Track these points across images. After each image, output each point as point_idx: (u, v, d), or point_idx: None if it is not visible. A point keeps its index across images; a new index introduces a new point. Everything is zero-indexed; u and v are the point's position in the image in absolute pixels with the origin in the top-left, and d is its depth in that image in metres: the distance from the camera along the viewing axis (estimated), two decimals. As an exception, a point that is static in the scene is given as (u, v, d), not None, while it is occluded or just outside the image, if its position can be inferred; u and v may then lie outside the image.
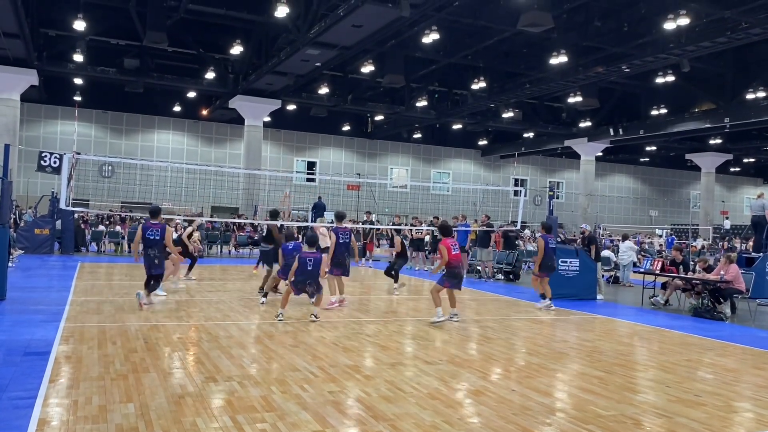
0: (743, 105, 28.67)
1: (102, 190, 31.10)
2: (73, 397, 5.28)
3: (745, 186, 55.45)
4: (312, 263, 9.33)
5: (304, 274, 9.33)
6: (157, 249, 10.21)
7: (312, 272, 9.34)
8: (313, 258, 9.36)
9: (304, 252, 9.46)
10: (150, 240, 10.18)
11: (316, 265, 9.35)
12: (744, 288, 12.28)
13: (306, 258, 9.33)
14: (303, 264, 9.31)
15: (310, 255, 9.38)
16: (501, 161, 47.92)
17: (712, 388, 6.54)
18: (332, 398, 5.58)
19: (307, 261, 9.32)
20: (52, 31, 26.74)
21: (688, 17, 19.53)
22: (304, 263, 9.30)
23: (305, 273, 9.32)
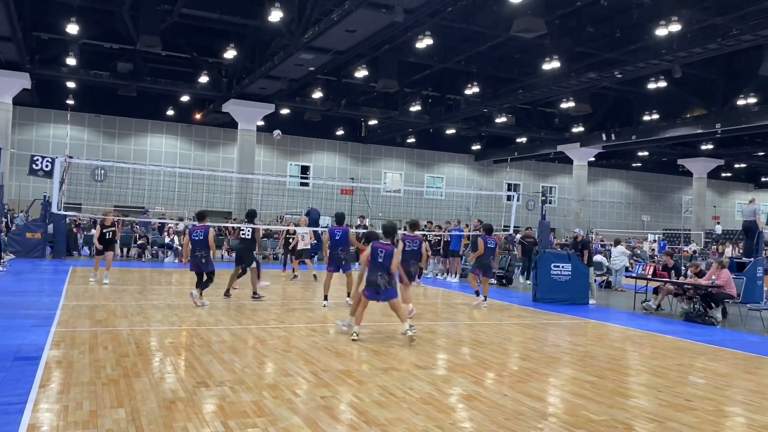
0: (734, 111, 28.85)
1: (94, 194, 30.97)
2: (64, 403, 5.26)
3: (736, 191, 55.75)
4: (383, 254, 8.61)
5: (375, 266, 8.61)
6: (203, 249, 11.02)
7: (383, 264, 8.59)
8: (384, 249, 8.65)
9: (377, 242, 8.84)
10: (196, 241, 11.05)
11: (387, 256, 8.60)
12: (735, 293, 12.36)
13: (378, 248, 8.67)
14: (374, 254, 8.66)
15: (383, 246, 8.70)
16: (494, 166, 48.02)
17: (703, 392, 6.57)
18: (324, 403, 5.57)
19: (379, 251, 8.64)
20: (44, 34, 26.63)
21: (680, 23, 19.65)
22: (376, 253, 8.65)
23: (377, 265, 8.60)
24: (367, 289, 8.69)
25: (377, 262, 8.61)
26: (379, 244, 8.74)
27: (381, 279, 8.59)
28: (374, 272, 8.61)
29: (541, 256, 14.55)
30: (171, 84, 29.97)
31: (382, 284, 8.59)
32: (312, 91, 31.34)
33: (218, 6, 23.08)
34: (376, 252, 8.64)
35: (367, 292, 8.68)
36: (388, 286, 8.61)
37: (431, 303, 13.46)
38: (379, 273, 8.60)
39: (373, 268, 8.64)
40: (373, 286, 8.62)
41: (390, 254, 8.62)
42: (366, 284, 8.72)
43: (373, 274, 8.62)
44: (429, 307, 12.71)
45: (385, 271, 8.60)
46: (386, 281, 8.60)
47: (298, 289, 14.85)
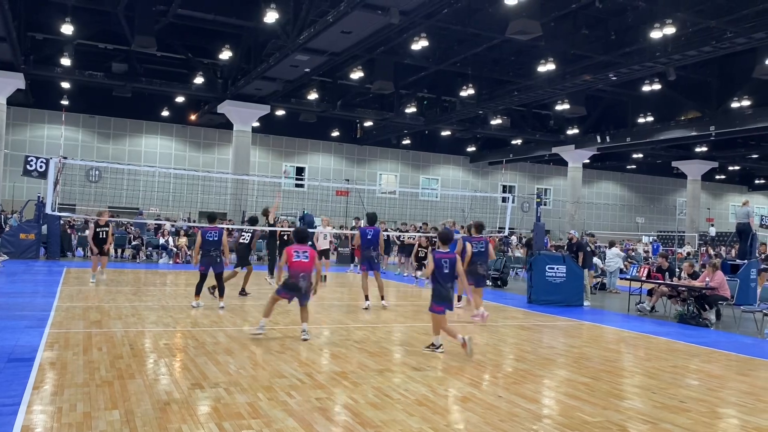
0: (728, 113, 28.98)
1: (89, 195, 30.88)
2: (58, 404, 5.24)
3: (730, 193, 55.98)
4: (448, 264, 7.95)
5: (443, 278, 7.92)
6: (218, 249, 11.18)
7: (450, 275, 7.96)
8: (448, 259, 8.00)
9: (438, 252, 8.16)
10: (210, 241, 11.14)
11: (452, 266, 7.98)
12: (729, 295, 12.40)
13: (441, 259, 7.95)
14: (439, 266, 7.92)
15: (445, 256, 8.02)
16: (489, 168, 48.09)
17: (697, 394, 6.59)
18: (319, 405, 5.57)
19: (443, 262, 7.93)
20: (39, 34, 26.56)
21: (674, 26, 19.74)
22: (440, 264, 7.91)
23: (443, 276, 7.92)
24: (441, 304, 7.93)
25: (443, 273, 7.91)
26: (441, 254, 8.04)
27: (451, 291, 8.05)
28: (444, 285, 7.92)
29: (536, 258, 14.58)
30: (166, 85, 29.91)
31: (451, 297, 8.05)
32: (307, 92, 31.34)
33: (214, 7, 23.06)
34: (440, 263, 7.92)
35: (441, 307, 7.93)
36: (452, 298, 8.14)
37: (425, 304, 13.45)
38: (449, 285, 7.97)
39: (441, 281, 7.90)
40: (446, 301, 7.96)
41: (454, 262, 8.03)
42: (438, 299, 7.92)
43: (444, 288, 7.92)
44: (423, 308, 12.70)
45: (452, 282, 8.04)
46: (452, 293, 8.08)
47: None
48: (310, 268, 8.48)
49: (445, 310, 7.97)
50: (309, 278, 8.46)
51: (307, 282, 8.41)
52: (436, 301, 7.93)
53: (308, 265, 8.45)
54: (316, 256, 8.63)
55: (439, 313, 7.95)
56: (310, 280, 8.51)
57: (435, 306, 7.94)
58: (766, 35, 19.14)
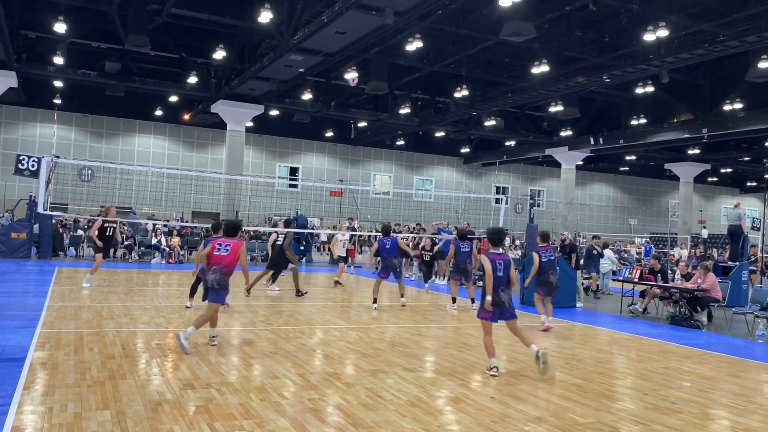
0: (721, 116, 29.13)
1: (81, 194, 30.77)
2: (48, 404, 5.21)
3: (722, 196, 56.29)
4: (502, 266, 7.18)
5: (496, 281, 7.12)
6: None
7: (503, 278, 7.15)
8: (502, 260, 7.23)
9: (492, 253, 7.34)
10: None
11: (506, 267, 7.19)
12: (720, 297, 12.46)
13: (495, 260, 7.18)
14: (493, 268, 7.12)
15: (499, 257, 7.26)
16: (483, 169, 48.18)
17: (688, 395, 6.62)
18: (311, 406, 5.56)
19: (497, 263, 7.16)
20: (32, 33, 26.43)
21: (668, 29, 19.82)
22: (495, 266, 7.12)
23: (497, 279, 7.12)
24: (489, 310, 7.09)
25: (497, 276, 7.10)
26: (495, 255, 7.25)
27: (505, 295, 7.14)
28: (496, 288, 7.07)
29: (529, 259, 14.59)
30: (159, 84, 29.82)
31: (506, 301, 7.14)
32: (301, 92, 31.30)
33: (208, 6, 23.00)
34: (495, 264, 7.12)
35: (490, 314, 7.09)
36: (511, 302, 7.25)
37: (419, 305, 13.46)
38: (501, 288, 7.12)
39: (494, 284, 7.08)
40: (498, 306, 7.07)
41: (508, 264, 7.25)
42: (489, 304, 7.06)
43: (495, 292, 7.05)
44: (417, 310, 12.72)
45: (507, 286, 7.20)
46: (509, 297, 7.22)
47: (284, 291, 14.79)
48: (226, 262, 7.59)
49: (495, 316, 7.09)
50: (220, 273, 7.55)
51: (217, 276, 7.51)
52: (485, 306, 7.09)
53: (225, 259, 7.58)
54: (241, 251, 7.72)
55: (485, 319, 7.11)
56: (222, 275, 7.58)
57: (483, 312, 7.14)
58: (759, 38, 19.25)
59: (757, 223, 23.17)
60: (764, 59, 21.47)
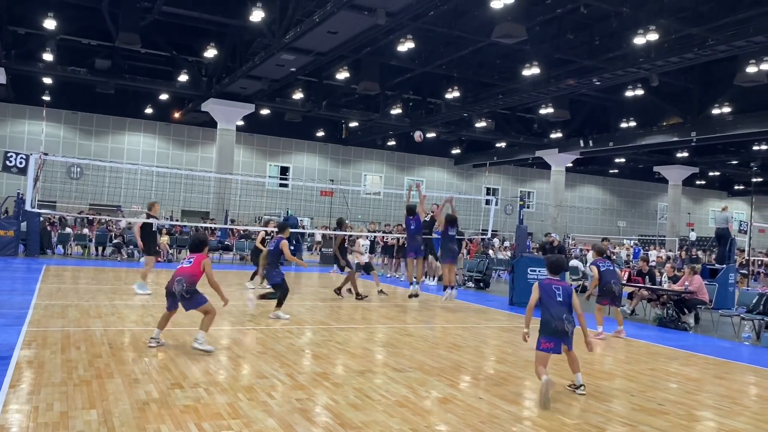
0: (709, 120, 29.37)
1: (70, 192, 30.56)
2: (34, 403, 5.17)
3: (710, 199, 56.70)
4: (561, 293, 6.43)
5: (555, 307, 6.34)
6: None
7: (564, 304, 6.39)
8: (561, 287, 6.49)
9: (548, 278, 6.63)
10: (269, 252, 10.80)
11: (566, 295, 6.45)
12: (707, 299, 12.56)
13: (552, 285, 6.49)
14: (550, 294, 6.43)
15: (557, 283, 6.52)
16: (473, 170, 48.30)
17: (675, 397, 6.66)
18: (300, 406, 5.55)
19: (554, 288, 6.46)
20: (21, 29, 26.26)
21: (658, 33, 19.97)
22: (551, 292, 6.44)
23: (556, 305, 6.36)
24: (549, 340, 6.29)
25: (557, 301, 6.38)
26: (552, 280, 6.58)
27: (569, 324, 6.34)
28: (558, 317, 6.29)
29: (518, 261, 14.66)
30: (150, 82, 29.70)
31: (570, 330, 6.35)
32: (293, 91, 31.28)
33: (199, 4, 22.93)
34: (551, 290, 6.44)
35: (551, 345, 6.28)
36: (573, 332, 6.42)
37: (408, 305, 13.47)
38: (564, 316, 6.32)
39: (552, 311, 6.33)
40: (558, 335, 6.29)
41: (568, 291, 6.50)
42: (547, 333, 6.30)
43: (556, 320, 6.28)
44: (406, 309, 12.73)
45: (569, 313, 6.41)
46: (574, 326, 6.43)
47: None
48: (189, 273, 7.58)
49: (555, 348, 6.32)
50: (184, 283, 7.52)
51: (183, 286, 7.48)
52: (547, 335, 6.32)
53: (187, 270, 7.59)
54: (205, 263, 7.69)
55: (547, 351, 6.31)
56: (188, 285, 7.56)
57: (543, 343, 6.33)
58: (747, 43, 19.43)
59: (744, 226, 23.34)
60: (752, 64, 21.67)
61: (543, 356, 6.30)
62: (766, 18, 18.65)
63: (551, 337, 6.26)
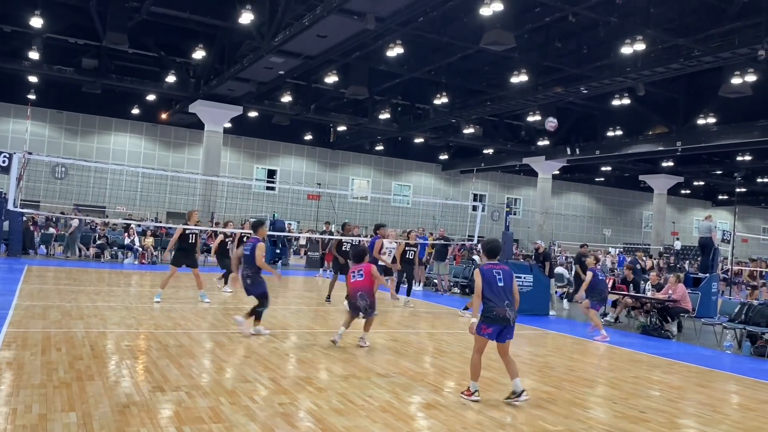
0: (694, 130, 29.66)
1: (54, 192, 30.26)
2: (12, 405, 5.10)
3: (694, 208, 57.24)
4: (502, 277, 6.40)
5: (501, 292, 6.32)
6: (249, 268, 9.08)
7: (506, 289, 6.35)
8: (501, 270, 6.45)
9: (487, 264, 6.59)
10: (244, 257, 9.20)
11: (508, 278, 6.44)
12: (690, 307, 12.66)
13: (492, 270, 6.42)
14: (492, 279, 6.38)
15: (497, 267, 6.48)
16: (461, 176, 48.43)
17: (657, 404, 6.70)
18: (282, 410, 5.52)
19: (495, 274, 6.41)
20: (7, 26, 25.99)
21: (644, 43, 20.15)
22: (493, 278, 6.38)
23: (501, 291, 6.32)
24: (490, 326, 6.27)
25: (498, 286, 6.31)
26: (491, 265, 6.49)
27: (511, 311, 6.32)
28: (500, 302, 6.25)
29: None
30: (137, 82, 29.51)
31: (512, 318, 6.33)
32: (281, 94, 31.21)
33: (188, 5, 22.84)
34: (492, 275, 6.36)
35: (490, 330, 6.28)
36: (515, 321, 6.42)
37: (393, 311, 13.45)
38: (507, 303, 6.29)
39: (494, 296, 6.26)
40: (501, 322, 6.27)
41: (510, 275, 6.48)
42: (488, 319, 6.26)
43: (500, 306, 6.24)
44: (391, 315, 12.71)
45: (512, 300, 6.37)
46: (515, 314, 6.41)
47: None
48: (368, 286, 8.49)
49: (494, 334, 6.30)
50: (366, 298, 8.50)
51: (365, 302, 8.39)
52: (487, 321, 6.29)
53: (364, 285, 8.43)
54: (373, 272, 8.56)
55: (484, 335, 6.32)
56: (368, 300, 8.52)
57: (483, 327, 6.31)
58: (732, 55, 19.66)
59: (727, 235, 23.58)
60: (737, 75, 21.91)
61: (482, 342, 6.32)
62: (751, 30, 18.89)
63: (492, 324, 6.23)
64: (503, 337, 6.32)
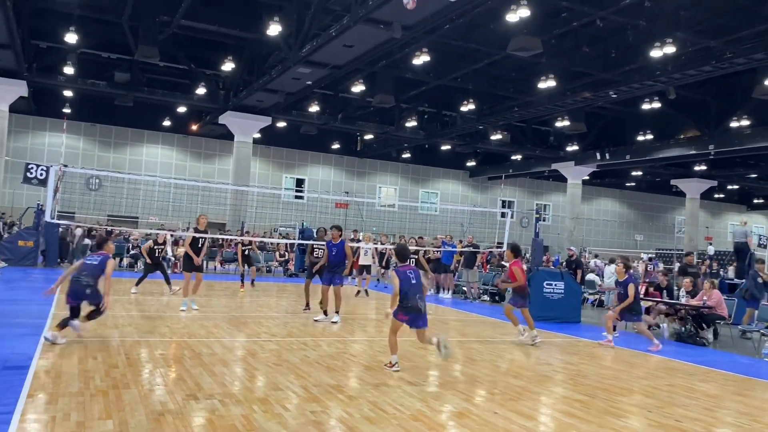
0: (727, 133, 29.09)
1: (88, 203, 30.87)
2: (51, 413, 5.22)
3: (729, 212, 56.03)
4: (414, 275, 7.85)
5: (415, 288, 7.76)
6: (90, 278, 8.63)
7: (417, 286, 7.80)
8: (413, 271, 7.92)
9: (402, 266, 8.08)
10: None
11: (418, 276, 7.92)
12: (726, 314, 12.39)
13: (407, 272, 7.88)
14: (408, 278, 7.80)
15: (410, 269, 7.97)
16: (488, 183, 48.17)
17: (693, 413, 6.57)
18: (314, 418, 5.55)
19: (409, 274, 7.84)
20: (43, 42, 26.69)
21: (675, 46, 19.86)
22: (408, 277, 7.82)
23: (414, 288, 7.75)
24: (406, 314, 7.71)
25: (412, 284, 7.72)
26: (405, 267, 7.96)
27: (421, 302, 7.76)
28: (413, 296, 7.68)
29: (534, 274, 14.57)
30: (168, 95, 30.04)
31: (422, 307, 7.76)
32: (309, 104, 31.46)
33: (217, 18, 23.20)
34: (407, 275, 7.77)
35: (407, 318, 7.71)
36: (426, 309, 7.84)
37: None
38: (418, 296, 7.73)
39: (409, 292, 7.67)
40: (414, 311, 7.69)
41: (419, 274, 7.94)
42: (405, 310, 7.70)
43: (413, 299, 7.67)
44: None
45: (422, 293, 7.82)
46: (425, 304, 7.84)
47: (290, 302, 14.80)
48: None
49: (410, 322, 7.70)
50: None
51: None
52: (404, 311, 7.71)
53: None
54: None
55: (401, 321, 7.73)
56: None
57: (400, 315, 7.72)
58: (765, 56, 19.26)
59: (763, 240, 23.05)
60: (771, 76, 21.47)
61: (397, 325, 7.77)
62: (785, 31, 18.52)
63: (407, 313, 7.68)
64: (417, 324, 7.74)
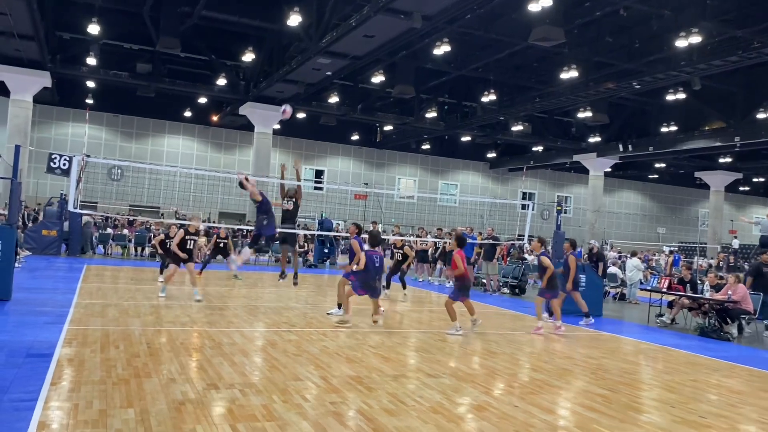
0: (754, 124, 28.54)
1: (110, 193, 31.25)
2: (74, 401, 5.28)
3: (754, 205, 55.08)
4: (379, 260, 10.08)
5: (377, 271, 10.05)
6: None
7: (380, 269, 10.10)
8: (378, 256, 10.10)
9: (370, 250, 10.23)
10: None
11: (381, 261, 10.18)
12: (752, 309, 12.18)
13: (373, 256, 10.03)
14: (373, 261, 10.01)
15: (376, 254, 10.17)
16: (509, 174, 47.85)
17: (717, 409, 6.47)
18: (333, 409, 5.55)
19: (375, 258, 10.01)
20: (66, 34, 26.98)
21: (700, 35, 19.51)
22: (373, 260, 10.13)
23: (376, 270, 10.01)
24: (364, 290, 9.94)
25: (375, 267, 9.87)
26: (372, 252, 9.94)
27: (378, 282, 10.10)
28: (373, 276, 9.93)
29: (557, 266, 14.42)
30: (189, 85, 30.22)
31: (378, 287, 10.13)
32: (328, 95, 31.45)
33: (238, 9, 23.25)
34: (374, 259, 9.83)
35: (363, 292, 9.95)
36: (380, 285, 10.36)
37: (444, 311, 13.38)
38: (378, 277, 10.04)
39: (372, 272, 9.90)
40: (370, 288, 9.94)
41: (382, 258, 10.26)
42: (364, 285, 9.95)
43: (372, 279, 9.91)
44: (441, 315, 12.64)
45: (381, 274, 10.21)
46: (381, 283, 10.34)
47: (309, 293, 14.85)
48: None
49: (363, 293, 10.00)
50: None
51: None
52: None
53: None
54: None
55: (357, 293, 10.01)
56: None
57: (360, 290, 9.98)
58: (795, 46, 18.87)
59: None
60: (800, 67, 21.03)
61: (353, 295, 10.00)
62: (816, 20, 18.10)
63: (366, 289, 9.84)
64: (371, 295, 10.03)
